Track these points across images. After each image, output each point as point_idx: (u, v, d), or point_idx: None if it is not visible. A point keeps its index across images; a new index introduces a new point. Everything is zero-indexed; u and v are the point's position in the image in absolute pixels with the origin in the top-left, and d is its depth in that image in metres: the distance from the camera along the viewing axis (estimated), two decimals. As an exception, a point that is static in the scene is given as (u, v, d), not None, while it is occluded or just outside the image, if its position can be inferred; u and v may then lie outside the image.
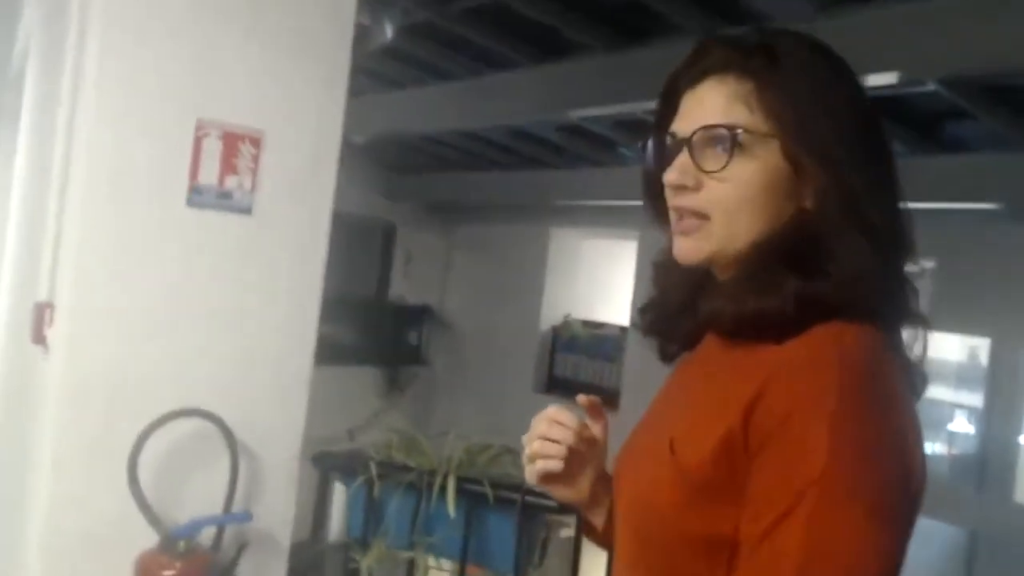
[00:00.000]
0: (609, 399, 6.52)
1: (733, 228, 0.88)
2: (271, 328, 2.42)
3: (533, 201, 7.10)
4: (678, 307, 1.02)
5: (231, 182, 2.35)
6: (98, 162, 2.21)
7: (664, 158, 0.95)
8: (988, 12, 2.91)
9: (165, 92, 2.26)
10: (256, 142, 2.37)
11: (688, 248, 0.92)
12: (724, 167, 0.87)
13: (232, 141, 2.34)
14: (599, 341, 6.94)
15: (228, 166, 2.33)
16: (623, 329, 6.63)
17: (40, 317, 2.31)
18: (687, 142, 0.91)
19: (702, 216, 0.90)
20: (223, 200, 2.35)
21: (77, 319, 2.20)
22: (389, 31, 4.54)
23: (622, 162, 5.99)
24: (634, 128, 5.42)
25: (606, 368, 6.71)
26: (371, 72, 5.61)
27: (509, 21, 4.51)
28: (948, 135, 4.18)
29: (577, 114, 5.09)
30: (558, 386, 7.17)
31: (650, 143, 0.99)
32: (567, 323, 7.34)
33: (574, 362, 7.08)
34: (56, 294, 2.27)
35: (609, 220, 6.72)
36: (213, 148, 2.32)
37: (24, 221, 3.22)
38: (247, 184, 2.37)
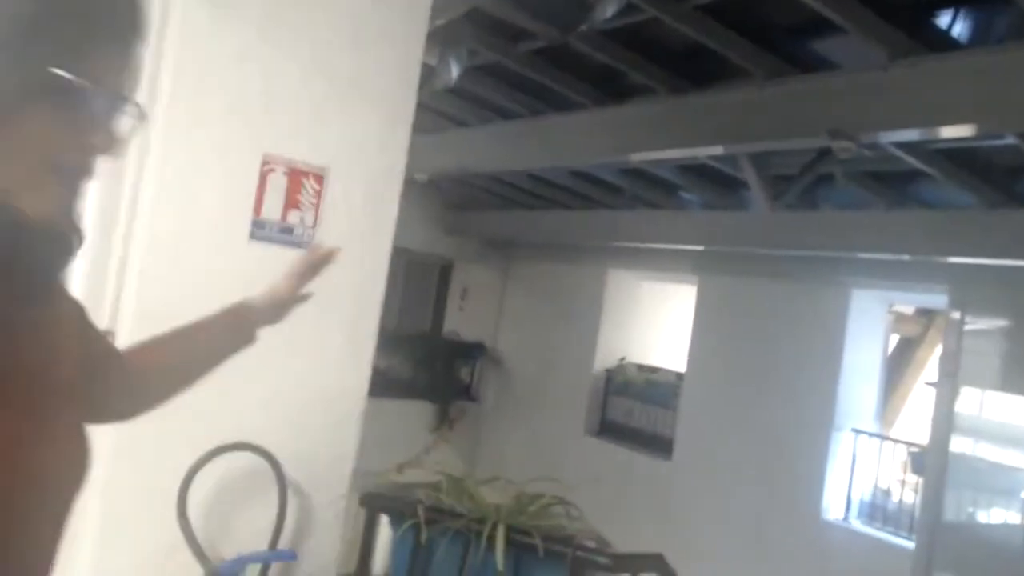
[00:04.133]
0: (663, 447, 6.37)
1: None
2: (326, 364, 2.42)
3: (591, 242, 7.06)
4: None
5: (293, 217, 2.37)
6: (165, 195, 2.25)
7: None
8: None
9: (232, 128, 2.30)
10: (319, 178, 2.39)
11: None
12: None
13: (296, 177, 2.36)
14: (654, 386, 6.80)
15: (291, 201, 2.36)
16: (679, 375, 6.49)
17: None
18: None
19: None
20: (284, 235, 2.37)
21: None
22: (455, 71, 4.60)
23: (682, 206, 5.92)
24: (696, 172, 5.36)
25: (660, 414, 6.56)
26: (435, 110, 5.68)
27: (573, 63, 4.52)
28: (1026, 189, 4.02)
29: (639, 157, 5.05)
30: (610, 430, 7.04)
31: None
32: (621, 366, 7.23)
33: (627, 406, 6.95)
34: (118, 323, 2.30)
35: (667, 263, 6.63)
36: (278, 183, 2.34)
37: (90, 251, 3.31)
38: (309, 219, 2.39)
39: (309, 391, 2.40)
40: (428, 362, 7.96)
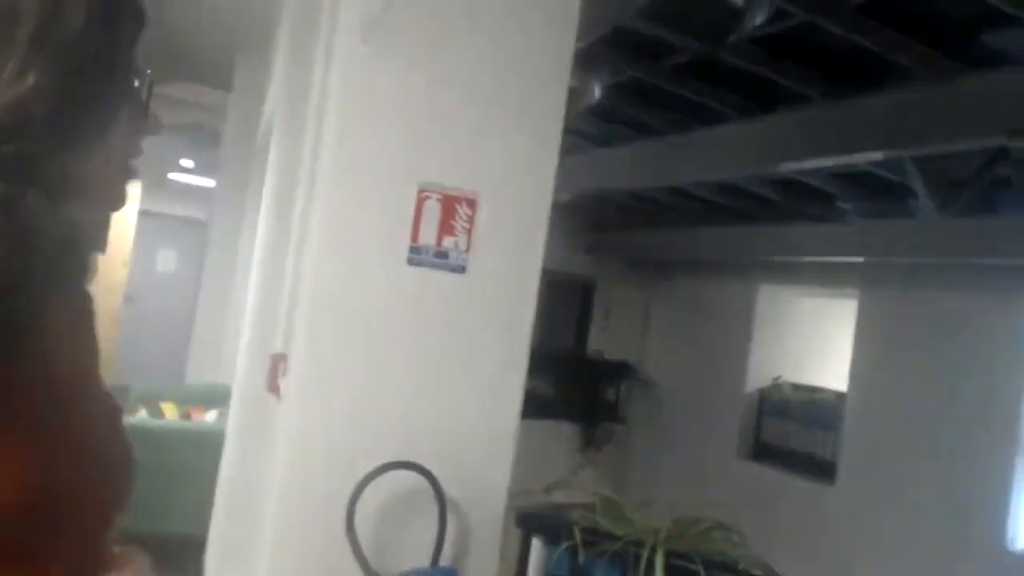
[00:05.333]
0: (825, 471, 6.03)
1: None
2: (481, 384, 2.46)
3: (740, 257, 6.84)
4: None
5: (448, 242, 2.44)
6: (330, 223, 2.38)
7: None
8: None
9: (392, 159, 2.40)
10: (472, 204, 2.45)
11: None
12: None
13: (450, 203, 2.43)
14: (813, 407, 6.46)
15: (445, 227, 2.43)
16: (840, 395, 6.14)
17: (275, 367, 2.51)
18: None
19: None
20: (440, 259, 2.44)
21: (308, 370, 2.35)
22: (597, 91, 4.61)
23: (839, 216, 5.62)
24: (853, 180, 5.08)
25: (821, 437, 6.22)
26: (576, 131, 5.71)
27: (718, 75, 4.42)
28: None
29: (790, 167, 4.85)
30: (767, 454, 6.74)
31: None
32: (777, 386, 6.92)
33: (784, 428, 6.63)
34: (290, 346, 2.45)
35: (824, 277, 6.31)
36: (432, 210, 2.42)
37: (264, 279, 3.55)
38: (462, 244, 2.45)
39: (466, 413, 2.45)
40: (573, 382, 7.95)
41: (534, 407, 7.99)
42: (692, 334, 7.66)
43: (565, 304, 8.30)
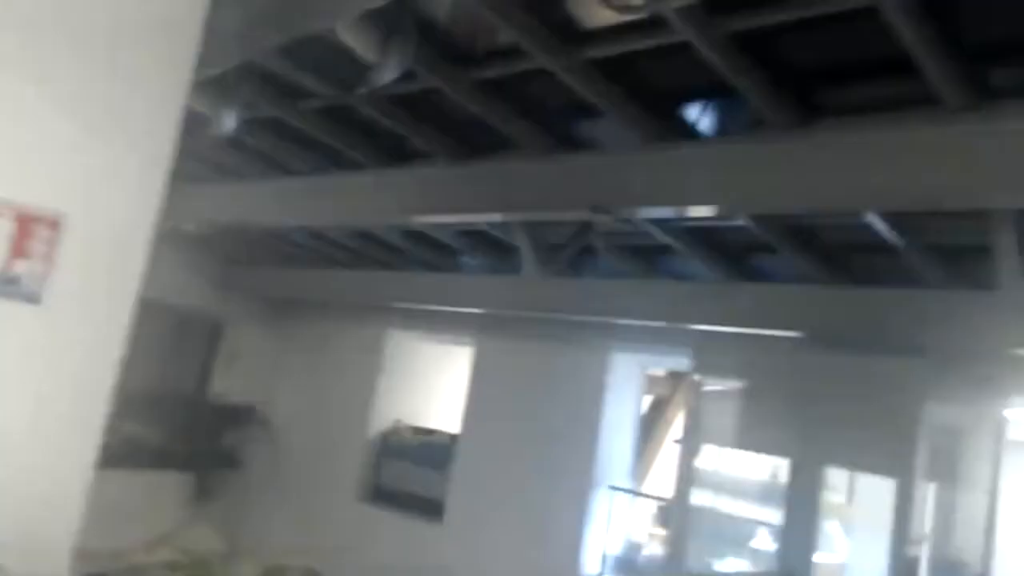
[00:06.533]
0: (435, 510, 6.33)
1: None
2: (49, 431, 2.16)
3: (369, 301, 6.99)
4: None
5: (20, 267, 2.13)
6: None
7: None
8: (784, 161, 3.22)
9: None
10: (54, 224, 2.17)
11: None
12: None
13: (25, 223, 2.12)
14: (429, 448, 6.78)
15: (17, 249, 2.11)
16: (453, 437, 6.53)
17: None
18: None
19: None
20: (8, 286, 2.11)
21: None
22: (231, 123, 4.42)
23: (462, 269, 6.05)
24: (475, 237, 5.51)
25: (435, 477, 6.53)
26: (212, 161, 5.41)
27: (357, 124, 4.52)
28: (755, 267, 4.55)
29: (420, 220, 5.12)
30: (383, 496, 6.88)
31: None
32: (396, 428, 7.14)
33: (401, 470, 6.85)
34: None
35: (446, 325, 6.71)
36: (2, 230, 2.10)
37: None
38: (39, 270, 2.15)
39: (23, 463, 2.12)
40: (189, 427, 7.38)
41: (141, 456, 7.26)
42: (321, 377, 7.61)
43: (189, 342, 7.72)
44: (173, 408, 7.24)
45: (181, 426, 7.28)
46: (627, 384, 5.87)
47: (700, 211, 3.74)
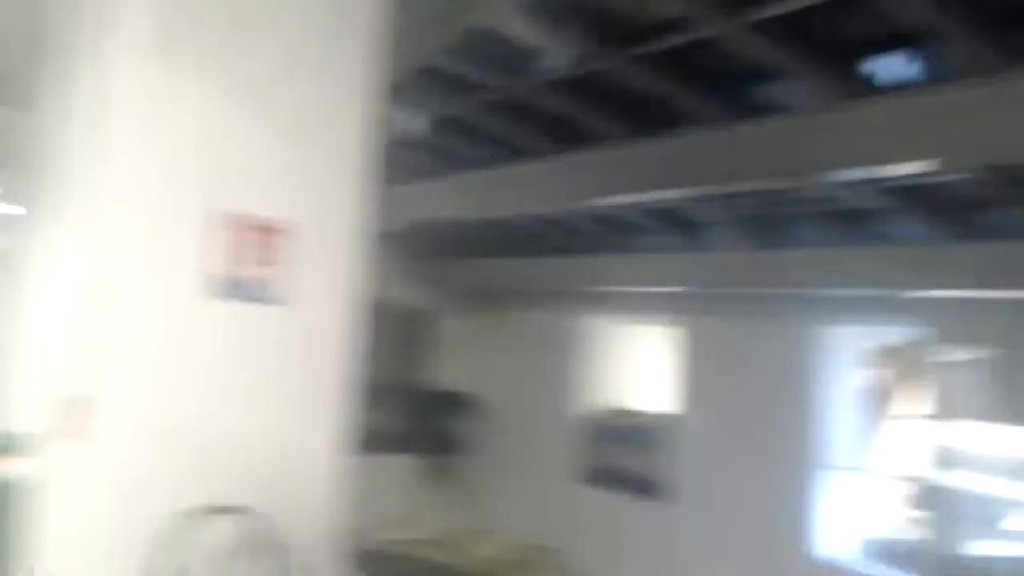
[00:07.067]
0: (650, 489, 6.29)
1: None
2: (310, 421, 2.41)
3: (566, 287, 7.07)
4: None
5: (263, 273, 2.38)
6: (124, 253, 2.25)
7: None
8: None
9: (176, 184, 2.30)
10: (282, 233, 2.41)
11: None
12: None
13: (265, 234, 2.38)
14: (639, 429, 6.75)
15: (261, 258, 2.37)
16: (660, 417, 6.44)
17: (76, 409, 2.32)
18: None
19: None
20: (257, 291, 2.37)
21: (125, 411, 2.21)
22: (418, 125, 4.69)
23: (648, 249, 5.97)
24: (665, 216, 5.41)
25: (646, 457, 6.48)
26: (405, 163, 5.77)
27: (530, 112, 4.62)
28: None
29: (604, 202, 5.11)
30: (599, 477, 6.92)
31: None
32: (604, 411, 7.18)
33: (613, 451, 6.87)
34: (95, 386, 2.27)
35: (643, 306, 6.63)
36: (240, 241, 2.35)
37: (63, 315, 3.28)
38: (278, 275, 2.40)
39: (294, 451, 2.38)
40: (410, 416, 7.88)
41: (373, 442, 7.82)
42: (524, 363, 7.80)
43: (400, 335, 8.23)
44: (397, 397, 7.75)
45: (406, 413, 7.79)
46: (847, 359, 5.49)
47: (914, 167, 3.43)
